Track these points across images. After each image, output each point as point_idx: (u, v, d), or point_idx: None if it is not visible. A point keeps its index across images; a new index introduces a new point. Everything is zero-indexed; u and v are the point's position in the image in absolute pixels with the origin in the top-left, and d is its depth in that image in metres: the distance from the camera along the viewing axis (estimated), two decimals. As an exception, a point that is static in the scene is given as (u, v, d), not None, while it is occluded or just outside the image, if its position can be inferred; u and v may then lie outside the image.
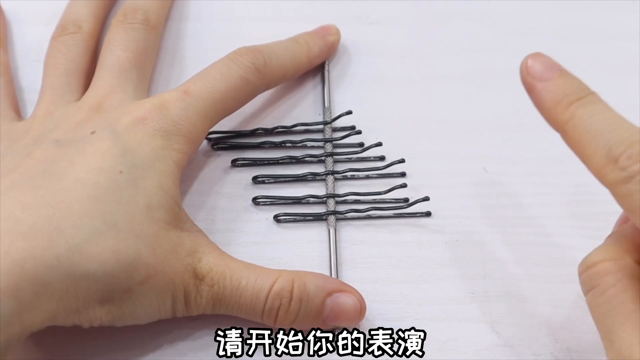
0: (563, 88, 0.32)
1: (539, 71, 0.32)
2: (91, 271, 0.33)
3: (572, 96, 0.31)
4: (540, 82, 0.32)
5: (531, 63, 0.32)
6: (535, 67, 0.32)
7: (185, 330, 0.37)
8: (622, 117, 0.31)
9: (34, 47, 0.45)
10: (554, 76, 0.32)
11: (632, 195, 0.29)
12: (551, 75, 0.32)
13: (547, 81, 0.32)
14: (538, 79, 0.32)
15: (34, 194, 0.34)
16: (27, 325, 0.32)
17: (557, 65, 0.32)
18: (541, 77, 0.32)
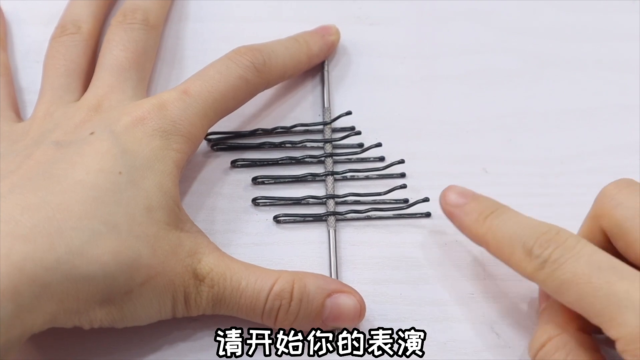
0: (477, 207, 0.36)
1: (455, 199, 0.37)
2: (91, 273, 0.33)
3: (486, 212, 0.36)
4: (457, 208, 0.37)
5: (447, 194, 0.37)
6: (451, 196, 0.37)
7: (185, 331, 0.37)
8: (530, 218, 0.35)
9: (34, 48, 0.45)
10: (468, 200, 0.37)
11: (549, 277, 0.33)
12: (465, 200, 0.37)
13: (463, 206, 0.37)
14: (455, 205, 0.37)
15: (33, 195, 0.34)
16: (27, 327, 0.32)
17: (469, 192, 0.37)
18: (457, 203, 0.37)
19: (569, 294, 0.33)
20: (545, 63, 0.46)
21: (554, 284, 0.33)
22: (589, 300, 0.32)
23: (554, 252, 0.33)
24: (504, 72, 0.45)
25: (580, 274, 0.32)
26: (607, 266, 0.32)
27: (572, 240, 0.33)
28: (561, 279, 0.33)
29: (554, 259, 0.33)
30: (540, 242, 0.34)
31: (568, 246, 0.33)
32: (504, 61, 0.45)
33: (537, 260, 0.33)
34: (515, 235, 0.35)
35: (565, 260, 0.33)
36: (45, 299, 0.32)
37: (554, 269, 0.33)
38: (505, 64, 0.45)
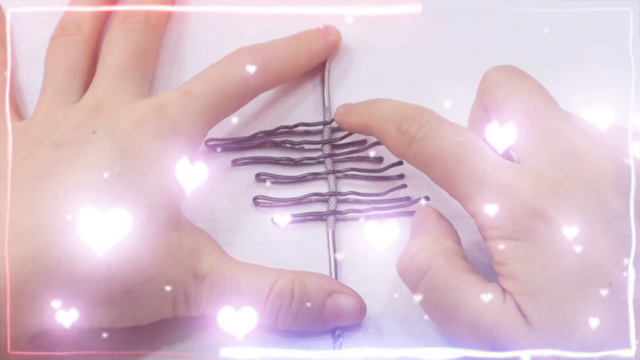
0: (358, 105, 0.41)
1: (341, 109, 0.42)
2: (91, 273, 0.33)
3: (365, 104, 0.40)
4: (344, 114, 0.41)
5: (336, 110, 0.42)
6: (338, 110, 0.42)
7: (185, 331, 0.37)
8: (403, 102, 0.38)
9: (34, 48, 0.45)
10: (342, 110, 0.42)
11: (419, 152, 0.36)
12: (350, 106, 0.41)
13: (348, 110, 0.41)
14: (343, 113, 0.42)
15: (33, 195, 0.34)
16: (27, 327, 0.32)
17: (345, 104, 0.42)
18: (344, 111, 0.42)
19: (436, 168, 0.35)
20: (545, 63, 0.46)
21: (423, 158, 0.36)
22: (453, 176, 0.35)
23: (420, 129, 0.36)
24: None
25: (448, 149, 0.35)
26: (472, 145, 0.35)
27: (436, 120, 0.36)
28: (430, 152, 0.35)
29: (421, 136, 0.36)
30: (407, 119, 0.36)
31: (433, 125, 0.36)
32: (504, 61, 0.45)
33: (406, 135, 0.36)
34: (388, 116, 0.38)
35: (432, 137, 0.35)
36: (45, 299, 0.32)
37: (422, 145, 0.36)
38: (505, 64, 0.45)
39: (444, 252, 0.35)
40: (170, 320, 0.36)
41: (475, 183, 0.34)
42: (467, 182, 0.34)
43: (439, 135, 0.35)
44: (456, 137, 0.35)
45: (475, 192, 0.34)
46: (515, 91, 0.36)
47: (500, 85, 0.37)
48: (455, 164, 0.35)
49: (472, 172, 0.34)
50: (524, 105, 0.35)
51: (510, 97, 0.36)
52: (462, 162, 0.34)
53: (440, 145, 0.35)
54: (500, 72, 0.37)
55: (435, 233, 0.36)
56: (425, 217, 0.37)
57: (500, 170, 0.34)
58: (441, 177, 0.35)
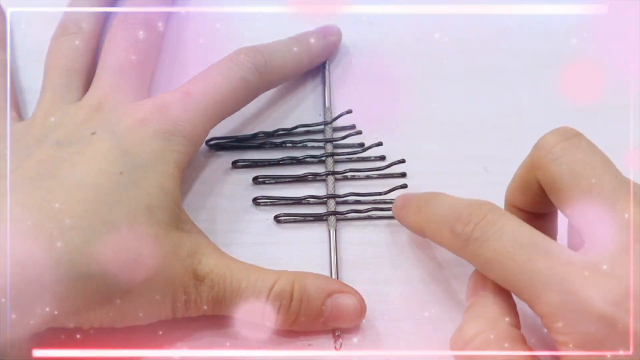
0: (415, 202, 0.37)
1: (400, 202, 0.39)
2: (91, 272, 0.33)
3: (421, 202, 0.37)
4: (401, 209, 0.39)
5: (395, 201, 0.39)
6: (397, 202, 0.39)
7: (185, 331, 0.37)
8: (460, 198, 0.35)
9: (35, 47, 0.45)
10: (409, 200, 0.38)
11: (474, 255, 0.33)
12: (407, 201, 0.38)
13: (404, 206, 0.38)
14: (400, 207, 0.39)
15: (34, 195, 0.34)
16: (27, 327, 0.32)
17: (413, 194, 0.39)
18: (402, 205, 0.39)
19: (494, 271, 0.32)
20: (545, 63, 0.46)
21: (479, 261, 0.33)
22: (513, 278, 0.32)
23: (475, 229, 0.33)
24: (504, 72, 0.45)
25: (502, 252, 0.32)
26: (529, 242, 0.32)
27: (493, 216, 0.33)
28: (485, 256, 0.32)
29: (475, 237, 0.33)
30: (461, 219, 0.33)
31: (489, 221, 0.33)
32: (504, 61, 0.45)
33: (460, 237, 0.33)
34: (443, 217, 0.35)
35: (487, 238, 0.32)
36: (45, 299, 0.32)
37: (477, 247, 0.33)
38: (506, 64, 0.45)
39: (498, 342, 0.32)
40: (170, 320, 0.36)
41: (537, 285, 0.31)
42: (527, 285, 0.31)
43: (494, 235, 0.32)
44: (512, 235, 0.32)
45: (539, 294, 0.31)
46: (577, 170, 0.32)
47: (558, 161, 0.33)
48: (513, 268, 0.31)
49: (533, 274, 0.31)
50: (588, 187, 0.32)
51: (571, 177, 0.32)
52: (521, 264, 0.31)
53: (495, 247, 0.32)
54: (557, 142, 0.33)
55: (490, 315, 0.33)
56: (482, 285, 0.34)
57: (566, 268, 0.30)
58: (501, 279, 0.33)
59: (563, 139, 0.33)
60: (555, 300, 0.30)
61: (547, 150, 0.33)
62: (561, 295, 0.30)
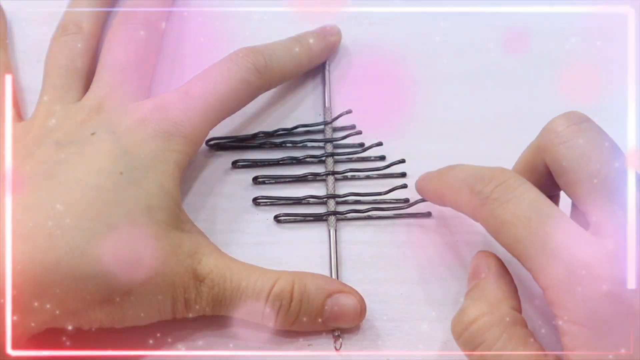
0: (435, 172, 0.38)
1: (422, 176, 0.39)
2: (91, 273, 0.33)
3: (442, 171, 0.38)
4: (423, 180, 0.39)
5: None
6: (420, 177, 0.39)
7: (185, 331, 0.37)
8: (480, 166, 0.35)
9: (35, 48, 0.45)
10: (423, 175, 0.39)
11: (491, 215, 0.33)
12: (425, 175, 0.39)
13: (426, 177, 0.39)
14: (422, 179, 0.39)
15: (34, 195, 0.34)
16: (27, 327, 0.32)
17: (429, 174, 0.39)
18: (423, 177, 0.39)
19: (507, 234, 0.33)
20: (545, 63, 0.46)
21: (494, 223, 0.33)
22: (524, 244, 0.32)
23: (495, 190, 0.33)
24: (504, 72, 0.45)
25: (520, 216, 0.32)
26: (547, 213, 0.32)
27: (515, 181, 0.33)
28: (502, 218, 0.33)
29: (495, 197, 0.33)
30: (483, 179, 0.34)
31: (510, 185, 0.33)
32: (504, 61, 0.45)
33: (479, 196, 0.34)
34: (464, 178, 0.35)
35: (507, 199, 0.33)
36: (45, 299, 0.32)
37: (495, 207, 0.33)
38: (505, 64, 0.45)
39: (499, 324, 0.32)
40: (170, 320, 0.36)
41: (546, 255, 0.31)
42: (537, 253, 0.31)
43: (514, 198, 0.33)
44: (532, 203, 0.32)
45: (546, 266, 0.31)
46: (585, 153, 0.33)
47: (567, 144, 0.33)
48: (526, 233, 0.32)
49: (545, 243, 0.31)
50: (596, 170, 0.32)
51: (579, 160, 0.33)
52: (534, 232, 0.32)
53: (513, 210, 0.32)
54: (567, 126, 0.34)
55: (492, 297, 0.34)
56: (485, 266, 0.35)
57: (576, 244, 0.31)
58: (512, 244, 0.33)
59: (573, 123, 0.34)
60: (561, 274, 0.31)
61: (556, 133, 0.34)
62: (568, 269, 0.30)
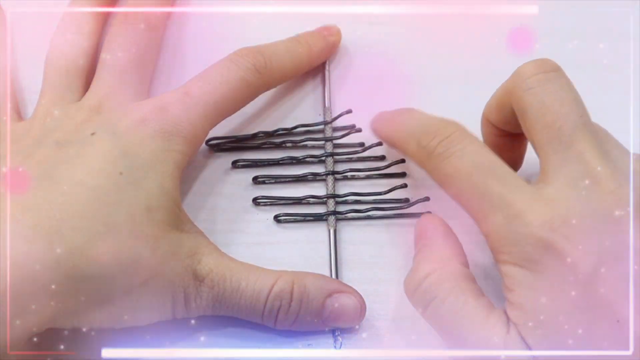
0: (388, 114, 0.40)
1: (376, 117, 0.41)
2: (91, 273, 0.33)
3: (395, 114, 0.39)
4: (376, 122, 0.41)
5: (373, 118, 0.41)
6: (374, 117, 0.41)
7: (185, 331, 0.37)
8: (429, 115, 0.38)
9: (35, 48, 0.45)
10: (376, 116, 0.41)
11: (435, 169, 0.35)
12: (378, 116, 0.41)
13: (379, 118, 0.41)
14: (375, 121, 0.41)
15: (34, 195, 0.34)
16: (27, 328, 0.32)
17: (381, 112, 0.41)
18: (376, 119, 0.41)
19: (451, 187, 0.35)
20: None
21: (439, 176, 0.35)
22: (467, 196, 0.34)
23: (439, 145, 0.35)
24: (504, 72, 0.45)
25: (462, 170, 0.34)
26: (487, 166, 0.34)
27: (458, 135, 0.35)
28: (445, 171, 0.35)
29: (439, 152, 0.35)
30: (428, 133, 0.36)
31: (453, 140, 0.35)
32: (504, 61, 0.45)
33: (424, 150, 0.36)
34: (412, 129, 0.37)
35: (450, 155, 0.35)
36: (45, 299, 0.32)
37: (439, 161, 0.35)
38: (505, 64, 0.45)
39: (450, 278, 0.34)
40: (170, 320, 0.36)
41: (486, 205, 0.33)
42: (478, 204, 0.34)
43: (457, 152, 0.35)
44: (473, 157, 0.34)
45: (487, 215, 0.33)
46: (545, 103, 0.34)
47: (531, 91, 0.34)
48: (468, 186, 0.34)
49: (485, 195, 0.33)
50: (552, 121, 0.34)
51: (539, 109, 0.34)
52: (475, 184, 0.34)
53: (455, 164, 0.34)
54: (534, 73, 0.35)
55: (441, 255, 0.36)
56: (431, 228, 0.37)
57: (514, 195, 0.33)
58: (455, 196, 0.35)
59: (541, 71, 0.35)
60: (499, 222, 0.33)
61: (523, 80, 0.35)
62: (506, 218, 0.33)
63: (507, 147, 0.39)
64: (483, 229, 0.34)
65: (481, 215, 0.34)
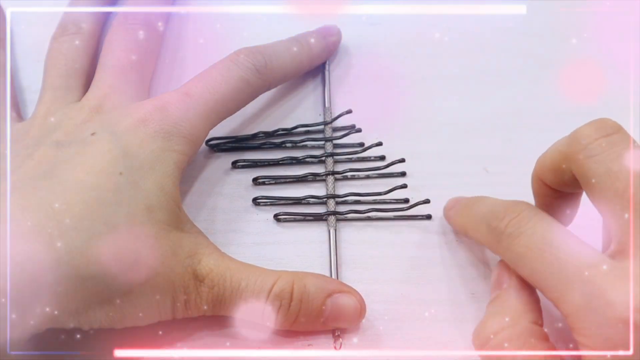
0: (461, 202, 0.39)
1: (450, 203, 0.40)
2: (91, 273, 0.33)
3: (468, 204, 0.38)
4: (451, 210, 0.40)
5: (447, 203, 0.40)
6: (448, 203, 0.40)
7: (185, 331, 0.37)
8: (500, 199, 0.36)
9: (35, 47, 0.45)
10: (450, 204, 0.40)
11: (507, 250, 0.34)
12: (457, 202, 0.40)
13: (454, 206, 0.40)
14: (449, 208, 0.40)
15: (34, 195, 0.34)
16: (27, 327, 0.32)
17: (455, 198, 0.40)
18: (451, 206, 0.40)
19: (524, 267, 0.33)
20: (545, 63, 0.46)
21: (511, 256, 0.34)
22: (541, 275, 0.32)
23: (509, 225, 0.34)
24: (504, 72, 0.45)
25: (533, 249, 0.32)
26: (559, 242, 0.32)
27: (528, 213, 0.34)
28: (516, 251, 0.33)
29: (509, 232, 0.34)
30: (498, 215, 0.34)
31: (523, 218, 0.33)
32: (504, 61, 0.45)
33: (495, 232, 0.34)
34: (483, 214, 0.36)
35: (520, 234, 0.33)
36: (45, 299, 0.32)
37: (509, 242, 0.34)
38: (505, 64, 0.45)
39: (520, 337, 0.32)
40: (170, 320, 0.36)
41: (562, 284, 0.31)
42: (554, 283, 0.31)
43: (527, 231, 0.33)
44: (544, 233, 0.32)
45: (564, 294, 0.31)
46: (613, 170, 0.31)
47: (595, 158, 0.32)
48: (540, 265, 0.32)
49: (559, 273, 0.31)
50: (622, 191, 0.31)
51: (607, 177, 0.32)
52: (548, 262, 0.32)
53: (526, 243, 0.33)
54: (596, 138, 0.32)
55: (513, 310, 0.34)
56: (507, 278, 0.35)
57: (591, 271, 0.30)
58: (529, 276, 0.33)
59: (602, 135, 0.32)
60: (578, 301, 0.30)
61: (584, 146, 0.32)
62: (584, 297, 0.30)
63: (563, 206, 0.36)
64: (561, 309, 0.31)
65: (558, 294, 0.31)
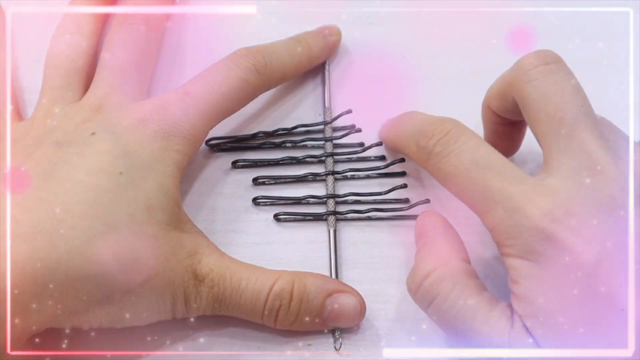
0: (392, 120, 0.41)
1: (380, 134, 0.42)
2: (91, 273, 0.33)
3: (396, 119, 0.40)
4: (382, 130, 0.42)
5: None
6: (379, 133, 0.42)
7: (185, 332, 0.37)
8: (428, 115, 0.38)
9: (35, 48, 0.45)
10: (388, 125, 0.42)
11: (435, 168, 0.36)
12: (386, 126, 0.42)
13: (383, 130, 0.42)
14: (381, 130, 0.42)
15: (34, 195, 0.34)
16: (27, 327, 0.32)
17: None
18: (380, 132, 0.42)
19: (452, 185, 0.35)
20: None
21: (439, 175, 0.36)
22: (468, 193, 0.34)
23: (437, 144, 0.35)
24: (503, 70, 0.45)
25: (460, 168, 0.34)
26: (486, 161, 0.34)
27: (455, 133, 0.35)
28: (445, 170, 0.35)
29: (437, 152, 0.35)
30: (426, 134, 0.36)
31: (451, 138, 0.35)
32: (504, 61, 0.45)
33: (423, 151, 0.36)
34: (411, 131, 0.37)
35: (448, 153, 0.35)
36: (45, 299, 0.32)
37: (438, 161, 0.35)
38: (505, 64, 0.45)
39: (451, 276, 0.34)
40: (170, 320, 0.36)
41: (487, 201, 0.33)
42: (479, 200, 0.34)
43: (455, 150, 0.35)
44: (471, 153, 0.34)
45: (488, 210, 0.33)
46: (547, 94, 0.34)
47: (532, 83, 0.35)
48: (468, 182, 0.34)
49: (485, 190, 0.33)
50: (553, 111, 0.34)
51: (541, 100, 0.34)
52: (475, 182, 0.34)
53: (454, 163, 0.35)
54: (536, 65, 0.35)
55: (441, 252, 0.36)
56: (430, 226, 0.37)
57: (514, 187, 0.33)
58: (457, 193, 0.35)
59: (542, 62, 0.35)
60: (501, 216, 0.33)
61: (525, 71, 0.35)
62: (507, 211, 0.33)
63: (507, 134, 0.39)
64: (486, 224, 0.34)
65: (483, 210, 0.34)
